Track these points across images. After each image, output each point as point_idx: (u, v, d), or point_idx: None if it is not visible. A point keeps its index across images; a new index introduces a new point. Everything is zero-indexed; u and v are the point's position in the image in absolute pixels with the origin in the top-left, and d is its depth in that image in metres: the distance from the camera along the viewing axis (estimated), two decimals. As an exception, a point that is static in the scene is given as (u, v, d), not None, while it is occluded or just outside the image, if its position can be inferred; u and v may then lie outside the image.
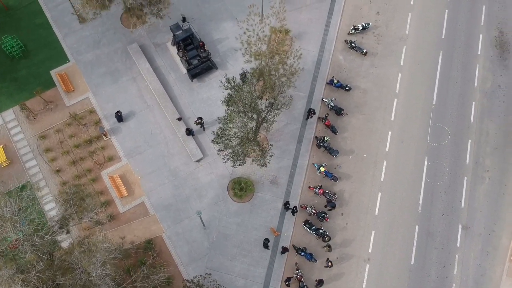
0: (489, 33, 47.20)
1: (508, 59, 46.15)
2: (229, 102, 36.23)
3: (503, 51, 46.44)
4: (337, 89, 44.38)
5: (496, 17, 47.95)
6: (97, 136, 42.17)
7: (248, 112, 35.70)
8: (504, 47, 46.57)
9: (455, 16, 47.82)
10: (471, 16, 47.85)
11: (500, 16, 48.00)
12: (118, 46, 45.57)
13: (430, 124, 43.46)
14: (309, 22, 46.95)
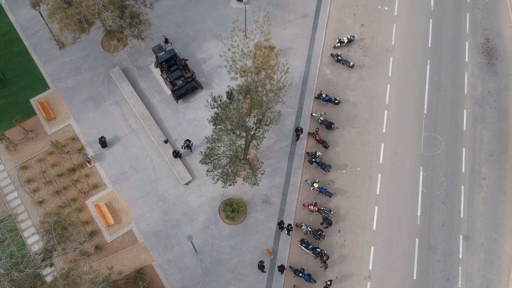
0: (475, 40, 46.88)
1: (495, 65, 45.73)
2: (216, 121, 35.05)
3: (490, 57, 46.05)
4: (326, 103, 43.46)
5: (480, 24, 47.75)
6: (81, 164, 40.59)
7: (236, 130, 34.50)
8: (491, 53, 46.21)
9: (440, 25, 47.53)
10: (455, 24, 47.59)
11: (484, 23, 47.81)
12: (100, 70, 44.42)
13: (423, 134, 42.54)
14: (293, 37, 46.31)
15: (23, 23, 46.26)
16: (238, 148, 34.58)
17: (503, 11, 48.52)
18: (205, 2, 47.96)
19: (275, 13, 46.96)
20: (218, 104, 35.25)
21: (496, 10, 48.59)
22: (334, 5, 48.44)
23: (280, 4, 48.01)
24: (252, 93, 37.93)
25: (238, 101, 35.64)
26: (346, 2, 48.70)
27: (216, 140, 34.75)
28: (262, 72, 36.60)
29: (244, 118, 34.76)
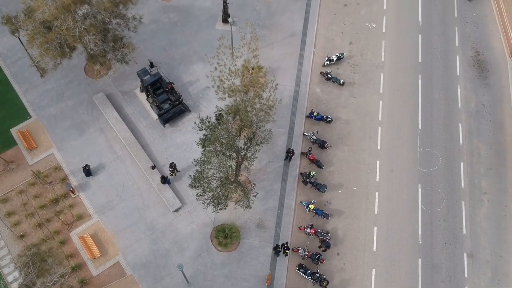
0: (465, 54, 46.27)
1: (488, 78, 44.99)
2: (205, 143, 33.55)
3: (482, 70, 45.35)
4: (318, 122, 42.21)
5: (469, 37, 47.26)
6: (64, 194, 38.65)
7: (226, 151, 33.00)
8: (482, 66, 45.53)
9: (429, 40, 46.94)
10: (445, 39, 47.04)
11: (473, 36, 47.32)
12: (83, 97, 42.96)
13: (419, 149, 41.28)
14: (281, 57, 45.39)
15: (3, 51, 44.91)
16: (228, 169, 32.98)
17: (491, 24, 48.15)
18: (190, 25, 47.11)
19: (262, 34, 46.12)
20: (206, 126, 33.84)
21: (484, 23, 48.21)
22: (321, 24, 47.81)
23: (266, 24, 47.29)
24: (242, 113, 36.68)
25: (227, 122, 34.23)
26: (333, 20, 48.12)
27: (205, 163, 33.20)
28: (251, 90, 35.37)
29: (234, 138, 33.35)
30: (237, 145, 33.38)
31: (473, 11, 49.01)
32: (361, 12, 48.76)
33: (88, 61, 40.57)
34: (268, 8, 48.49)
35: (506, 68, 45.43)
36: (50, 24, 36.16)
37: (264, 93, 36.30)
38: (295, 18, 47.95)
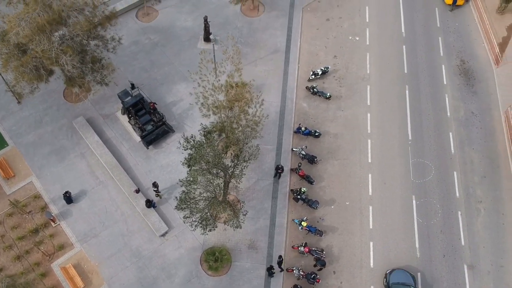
0: (450, 63, 45.90)
1: (475, 85, 44.54)
2: (190, 162, 32.13)
3: (468, 78, 44.92)
4: (306, 137, 41.13)
5: (454, 47, 47.00)
6: (44, 223, 36.71)
7: (212, 169, 31.60)
8: (468, 74, 45.13)
9: (414, 50, 46.58)
10: (429, 49, 46.71)
11: (457, 45, 47.09)
12: (63, 122, 41.46)
13: (411, 160, 40.29)
14: (266, 74, 44.55)
15: (-22, 79, 43.44)
16: (216, 188, 31.52)
17: (474, 33, 48.03)
18: (171, 46, 46.22)
19: (244, 51, 45.35)
20: (191, 145, 32.48)
21: (467, 32, 48.09)
22: (304, 39, 47.25)
23: (249, 42, 46.59)
24: (227, 130, 35.49)
25: (213, 139, 32.94)
26: (316, 35, 47.61)
27: (191, 182, 31.74)
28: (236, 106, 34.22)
29: (221, 156, 32.01)
30: (224, 162, 32.04)
31: (455, 20, 48.94)
32: (344, 26, 48.40)
33: (66, 84, 39.26)
34: (250, 25, 47.91)
35: (492, 75, 45.07)
36: (26, 47, 34.90)
37: (250, 108, 35.21)
38: (277, 34, 47.38)
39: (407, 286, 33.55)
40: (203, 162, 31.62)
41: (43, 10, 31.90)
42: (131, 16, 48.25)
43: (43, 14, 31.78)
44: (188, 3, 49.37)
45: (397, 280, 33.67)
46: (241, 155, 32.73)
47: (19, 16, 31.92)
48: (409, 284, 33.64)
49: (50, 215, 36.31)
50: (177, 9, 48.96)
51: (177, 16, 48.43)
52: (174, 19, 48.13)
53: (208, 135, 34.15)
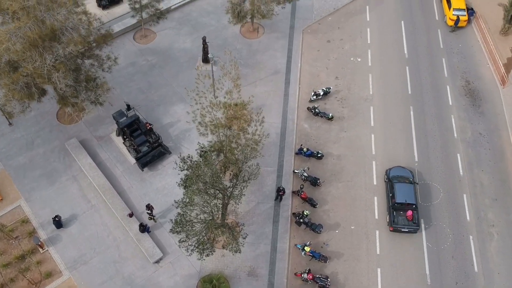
0: (455, 84, 44.73)
1: (481, 106, 43.22)
2: (187, 183, 30.37)
3: (474, 99, 43.65)
4: (308, 159, 39.48)
5: (458, 68, 45.96)
6: (32, 249, 34.61)
7: (209, 189, 29.82)
8: (474, 95, 43.89)
9: (417, 71, 45.51)
10: (433, 70, 45.65)
11: (462, 66, 46.06)
12: (55, 144, 39.88)
13: (418, 183, 38.47)
14: (266, 94, 43.30)
15: (-32, 100, 42.11)
16: (213, 208, 29.63)
17: (478, 54, 47.11)
18: (169, 67, 45.16)
19: (244, 72, 44.26)
20: (188, 165, 30.80)
21: (471, 53, 47.16)
22: (305, 60, 46.25)
23: (248, 63, 45.58)
24: (226, 150, 33.91)
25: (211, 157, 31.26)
26: (317, 57, 46.63)
27: (187, 204, 29.92)
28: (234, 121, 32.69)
29: (219, 175, 30.28)
30: (222, 182, 30.30)
31: (458, 42, 48.10)
32: (345, 48, 47.50)
33: (59, 103, 37.85)
34: (249, 47, 47.02)
35: (499, 95, 43.83)
36: (17, 64, 33.67)
37: (249, 127, 33.72)
38: (277, 56, 46.42)
39: (406, 178, 37.03)
40: (200, 183, 29.91)
41: (35, 24, 30.74)
42: (129, 38, 47.40)
43: (35, 28, 30.60)
44: (187, 25, 48.64)
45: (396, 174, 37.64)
46: (240, 174, 31.00)
47: (9, 30, 30.75)
48: (407, 177, 37.08)
49: (38, 241, 34.27)
50: (176, 31, 48.18)
51: (175, 38, 47.60)
52: (172, 41, 47.27)
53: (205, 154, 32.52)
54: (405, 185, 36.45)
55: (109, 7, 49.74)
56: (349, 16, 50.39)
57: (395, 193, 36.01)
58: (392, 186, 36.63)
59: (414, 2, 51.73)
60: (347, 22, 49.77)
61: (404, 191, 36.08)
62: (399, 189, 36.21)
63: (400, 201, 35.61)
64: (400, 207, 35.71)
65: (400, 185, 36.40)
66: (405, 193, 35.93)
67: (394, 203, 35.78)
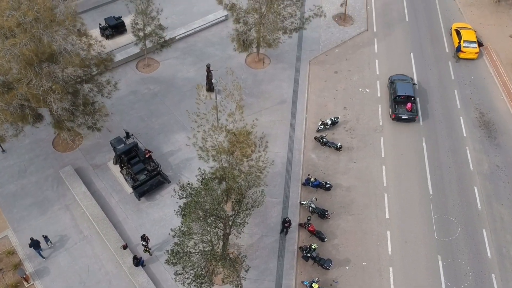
0: (469, 115, 42.90)
1: (497, 138, 41.16)
2: (186, 211, 28.06)
3: (490, 131, 41.67)
4: (316, 190, 37.19)
5: (471, 99, 44.27)
6: (16, 283, 31.93)
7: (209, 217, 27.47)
8: (489, 127, 41.94)
9: (429, 103, 43.82)
10: (445, 101, 43.99)
11: (475, 98, 44.39)
12: (49, 172, 37.91)
13: (433, 217, 35.98)
14: (271, 124, 41.55)
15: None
16: (213, 237, 27.15)
17: (491, 86, 45.55)
18: (172, 96, 43.75)
19: (249, 102, 42.78)
20: (188, 193, 28.56)
21: (484, 85, 45.61)
22: (312, 90, 44.78)
23: (254, 93, 44.14)
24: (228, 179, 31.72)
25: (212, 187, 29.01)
26: (324, 87, 45.19)
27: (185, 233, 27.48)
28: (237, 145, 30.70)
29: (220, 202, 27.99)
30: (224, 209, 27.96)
31: (470, 74, 46.68)
32: (353, 78, 46.12)
33: (54, 127, 36.10)
34: (254, 77, 45.74)
35: (515, 127, 41.92)
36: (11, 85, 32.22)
37: (253, 152, 31.73)
38: (283, 86, 45.02)
39: (405, 80, 43.63)
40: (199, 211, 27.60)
41: (31, 41, 29.46)
42: (131, 67, 46.32)
43: (30, 45, 29.30)
44: (191, 55, 47.64)
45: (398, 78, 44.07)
46: (243, 201, 28.71)
47: (4, 47, 29.45)
48: (407, 79, 43.71)
49: (23, 273, 31.66)
50: (180, 61, 47.13)
51: (179, 67, 46.47)
52: (175, 70, 46.11)
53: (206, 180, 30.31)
54: (405, 83, 42.90)
55: (113, 37, 49.03)
56: (357, 48, 49.36)
57: (396, 89, 42.25)
58: (394, 85, 42.80)
59: (423, 34, 50.81)
60: (355, 54, 48.67)
61: (404, 87, 42.43)
62: (399, 86, 42.54)
63: (401, 94, 41.84)
64: (401, 100, 41.94)
65: (400, 83, 42.84)
66: (405, 88, 42.28)
67: (396, 96, 41.90)
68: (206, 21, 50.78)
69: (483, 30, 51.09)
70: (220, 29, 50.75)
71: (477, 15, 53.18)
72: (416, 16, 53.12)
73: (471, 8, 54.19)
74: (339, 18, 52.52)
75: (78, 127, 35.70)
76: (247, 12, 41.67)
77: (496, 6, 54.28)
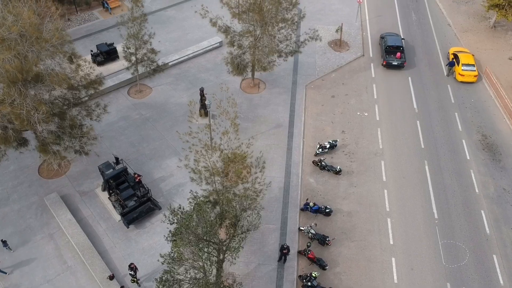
0: (471, 138, 41.53)
1: (502, 161, 39.63)
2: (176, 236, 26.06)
3: (494, 153, 40.20)
4: (315, 215, 35.24)
5: (472, 122, 43.02)
6: (-8, 318, 29.46)
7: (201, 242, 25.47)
8: (493, 149, 40.50)
9: (429, 126, 42.52)
10: (446, 124, 42.69)
11: (476, 121, 43.15)
12: (33, 200, 35.93)
13: (440, 242, 33.96)
14: (267, 148, 39.97)
15: None
16: (206, 262, 25.01)
17: (492, 108, 44.42)
18: (164, 121, 42.30)
19: (244, 126, 41.31)
20: (180, 217, 26.62)
21: (485, 108, 44.48)
22: (308, 114, 43.48)
23: (249, 117, 42.76)
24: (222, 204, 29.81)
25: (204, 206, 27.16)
26: (321, 111, 43.93)
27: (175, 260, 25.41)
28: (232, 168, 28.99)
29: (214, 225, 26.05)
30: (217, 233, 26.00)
31: (470, 97, 45.65)
32: (351, 102, 44.94)
33: (39, 151, 34.33)
34: (250, 102, 44.49)
35: (520, 149, 40.47)
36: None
37: (248, 174, 29.98)
38: (279, 110, 43.74)
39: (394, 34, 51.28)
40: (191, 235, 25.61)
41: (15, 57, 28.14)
42: (122, 93, 45.08)
43: (14, 61, 27.96)
44: (185, 81, 46.54)
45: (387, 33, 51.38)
46: (238, 224, 26.76)
47: (-15, 63, 28.14)
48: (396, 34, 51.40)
49: (0, 307, 29.23)
50: (173, 87, 45.97)
51: (171, 93, 45.26)
52: (168, 96, 44.87)
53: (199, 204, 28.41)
54: (394, 37, 50.04)
55: (104, 64, 48.03)
56: (354, 73, 48.46)
57: (387, 41, 48.94)
58: (385, 39, 49.54)
59: (420, 59, 50.13)
60: (352, 79, 47.71)
61: (393, 39, 49.33)
62: (389, 38, 49.41)
63: (391, 44, 48.43)
64: (391, 50, 48.24)
65: (390, 37, 49.88)
66: (394, 40, 49.09)
67: (387, 47, 48.41)
68: (200, 48, 50.01)
69: (481, 54, 50.47)
70: (215, 55, 49.92)
71: (473, 40, 52.73)
72: (412, 42, 52.59)
73: (467, 34, 53.80)
74: (335, 44, 51.89)
75: (65, 151, 33.95)
76: (241, 34, 40.80)
77: (492, 32, 53.94)
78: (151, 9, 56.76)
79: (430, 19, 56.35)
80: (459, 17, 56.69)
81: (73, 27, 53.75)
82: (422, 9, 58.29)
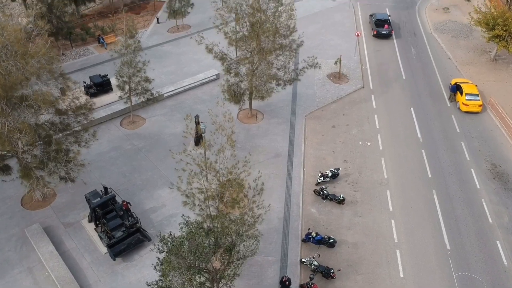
0: (480, 167, 39.49)
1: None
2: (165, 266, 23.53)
3: (505, 182, 38.06)
4: (318, 246, 32.57)
5: (480, 151, 41.14)
6: None
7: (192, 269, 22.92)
8: (504, 178, 38.39)
9: (435, 155, 40.58)
10: (452, 153, 40.79)
11: (484, 150, 41.27)
12: (14, 231, 33.33)
13: (454, 274, 31.16)
14: (266, 177, 37.71)
15: None
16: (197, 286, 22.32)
17: (500, 138, 42.67)
18: (157, 151, 40.35)
19: (241, 156, 39.04)
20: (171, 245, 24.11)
21: (492, 137, 42.74)
22: (309, 144, 41.61)
23: (246, 147, 40.90)
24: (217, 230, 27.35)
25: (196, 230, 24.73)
26: (322, 141, 42.09)
27: None
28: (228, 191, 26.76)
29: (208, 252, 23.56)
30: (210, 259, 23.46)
31: (476, 126, 44.02)
32: (352, 132, 43.21)
33: (21, 177, 32.04)
34: (247, 132, 42.76)
35: (533, 178, 38.34)
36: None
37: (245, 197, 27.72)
38: (278, 139, 41.91)
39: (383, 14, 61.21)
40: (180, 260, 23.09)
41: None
42: (115, 124, 43.39)
43: (-4, 77, 26.37)
44: (180, 112, 44.97)
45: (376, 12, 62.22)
46: (234, 249, 24.22)
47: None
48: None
49: None
50: (167, 117, 44.36)
51: (166, 123, 43.58)
52: (162, 126, 43.16)
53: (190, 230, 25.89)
54: (382, 14, 60.60)
55: (97, 95, 46.66)
56: (354, 104, 47.07)
57: (376, 17, 59.53)
58: (374, 16, 60.01)
59: (422, 90, 48.93)
60: (352, 109, 46.25)
61: (381, 15, 60.09)
62: (378, 15, 60.04)
63: (380, 18, 59.03)
64: (380, 23, 58.42)
65: (379, 14, 60.54)
66: (382, 15, 59.82)
67: (376, 20, 58.86)
68: (197, 80, 48.89)
69: (484, 86, 49.36)
70: (211, 87, 48.71)
71: (475, 72, 51.82)
72: (413, 74, 51.64)
73: (469, 67, 52.95)
74: (334, 77, 50.85)
75: (49, 176, 31.69)
76: (238, 62, 39.61)
77: (493, 64, 53.15)
78: (147, 44, 56.19)
79: (429, 53, 55.74)
80: (459, 51, 56.09)
81: (67, 61, 52.89)
82: (421, 44, 57.84)
